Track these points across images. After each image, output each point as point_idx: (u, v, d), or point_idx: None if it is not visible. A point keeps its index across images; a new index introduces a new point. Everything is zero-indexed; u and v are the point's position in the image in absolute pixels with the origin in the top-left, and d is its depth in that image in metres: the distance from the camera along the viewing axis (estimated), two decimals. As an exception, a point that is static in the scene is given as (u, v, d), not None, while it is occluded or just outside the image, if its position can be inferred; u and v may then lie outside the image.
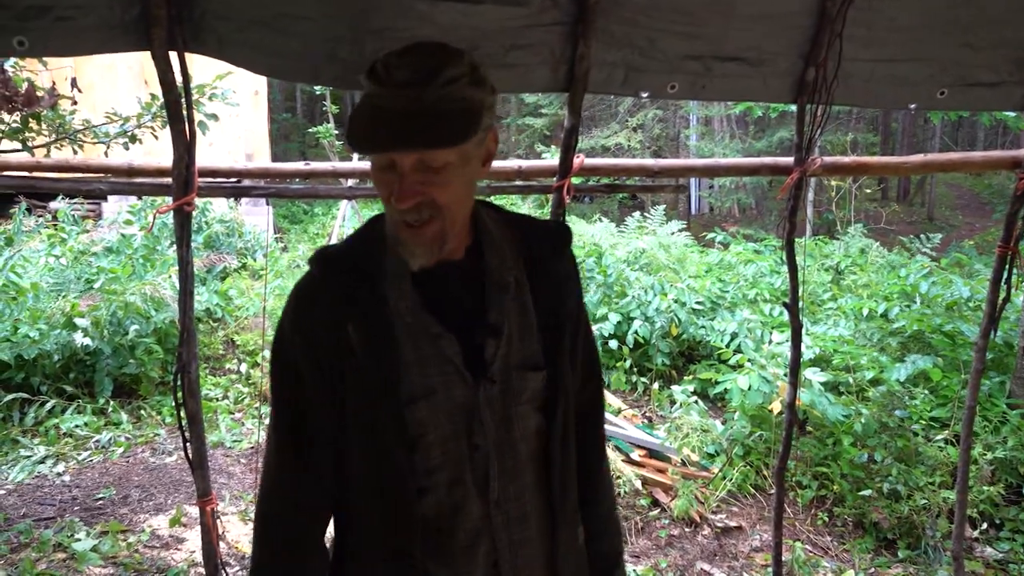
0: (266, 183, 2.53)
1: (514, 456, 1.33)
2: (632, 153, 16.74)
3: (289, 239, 12.56)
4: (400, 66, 1.15)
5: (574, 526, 1.44)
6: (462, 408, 1.28)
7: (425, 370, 1.26)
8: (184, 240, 1.99)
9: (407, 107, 1.13)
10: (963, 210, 21.61)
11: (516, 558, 1.34)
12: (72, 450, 4.98)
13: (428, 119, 1.13)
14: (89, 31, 1.69)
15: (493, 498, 1.31)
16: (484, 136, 1.23)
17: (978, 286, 5.79)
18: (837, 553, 4.14)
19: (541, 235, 1.40)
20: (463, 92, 1.16)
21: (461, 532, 1.31)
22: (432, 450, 1.28)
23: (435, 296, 1.28)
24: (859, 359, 5.30)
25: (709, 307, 6.96)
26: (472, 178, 1.25)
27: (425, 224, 1.20)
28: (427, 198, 1.18)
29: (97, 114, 4.22)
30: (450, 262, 1.29)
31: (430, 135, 1.13)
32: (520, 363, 1.32)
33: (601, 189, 2.86)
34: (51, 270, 6.73)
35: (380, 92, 1.16)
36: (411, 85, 1.14)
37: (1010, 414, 4.65)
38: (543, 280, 1.36)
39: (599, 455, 1.54)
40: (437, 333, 1.27)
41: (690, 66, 2.16)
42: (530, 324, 1.34)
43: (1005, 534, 4.21)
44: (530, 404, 1.34)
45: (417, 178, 1.18)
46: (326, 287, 1.28)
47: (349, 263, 1.29)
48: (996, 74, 2.33)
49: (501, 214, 1.40)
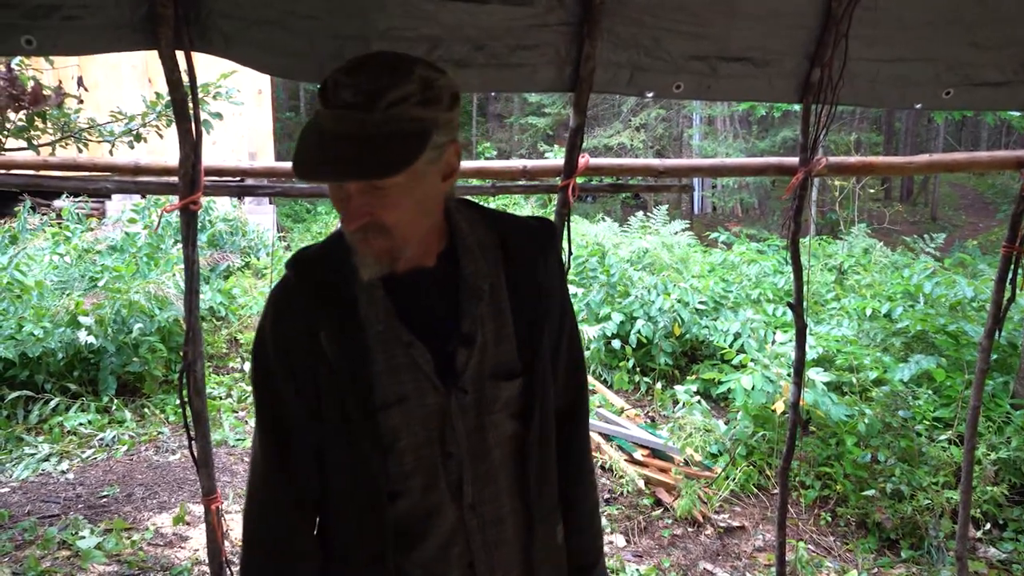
0: (271, 182, 2.53)
1: (488, 462, 1.32)
2: (635, 153, 16.75)
3: (292, 238, 12.58)
4: (346, 85, 1.10)
5: (552, 525, 1.43)
6: (434, 415, 1.28)
7: (397, 377, 1.26)
8: (190, 239, 1.99)
9: (349, 131, 1.09)
10: (967, 210, 21.59)
11: (491, 559, 1.35)
12: (76, 448, 4.99)
13: (369, 146, 1.08)
14: (97, 30, 1.70)
15: (467, 502, 1.31)
16: (440, 153, 1.18)
17: (982, 286, 5.78)
18: (840, 553, 4.13)
19: (523, 235, 1.37)
20: (410, 112, 1.11)
21: (434, 535, 1.32)
22: (405, 456, 1.28)
23: (407, 303, 1.27)
24: (862, 359, 5.29)
25: (712, 307, 6.96)
26: (427, 196, 1.20)
27: (372, 240, 1.18)
28: (375, 219, 1.16)
29: (102, 113, 4.23)
30: (422, 269, 1.27)
31: (370, 164, 1.09)
32: (493, 371, 1.30)
33: (606, 189, 2.86)
34: (55, 268, 6.74)
35: (325, 113, 1.12)
36: (354, 107, 1.09)
37: (1014, 414, 4.64)
38: (523, 283, 1.33)
39: (582, 456, 1.52)
40: (408, 341, 1.26)
41: (695, 66, 2.16)
42: (506, 330, 1.32)
43: (1009, 534, 4.21)
44: (504, 412, 1.33)
45: (364, 200, 1.15)
46: (300, 292, 1.28)
47: (323, 268, 1.28)
48: (1002, 73, 2.33)
49: (481, 213, 1.37)
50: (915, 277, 6.24)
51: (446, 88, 1.16)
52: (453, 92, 1.18)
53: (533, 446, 1.35)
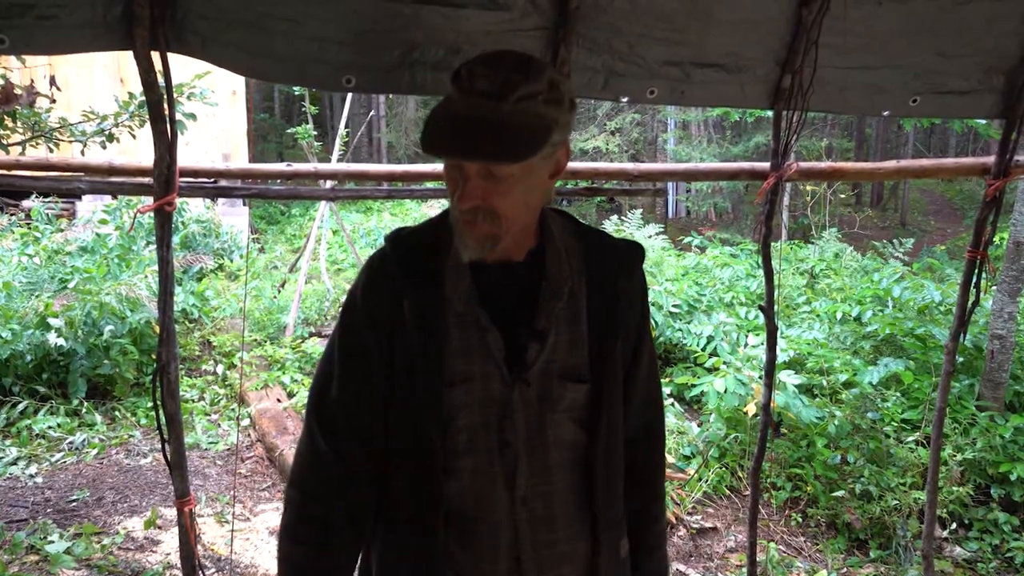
0: (247, 183, 2.53)
1: (545, 460, 1.35)
2: (610, 157, 16.81)
3: (266, 240, 12.50)
4: (482, 75, 1.19)
5: (615, 539, 1.45)
6: (496, 402, 1.33)
7: (468, 358, 1.32)
8: (164, 240, 1.98)
9: (480, 117, 1.18)
10: (935, 215, 21.94)
11: (539, 556, 1.37)
12: (45, 451, 4.92)
13: (497, 133, 1.17)
14: (71, 29, 1.68)
15: (519, 495, 1.34)
16: (553, 151, 1.27)
17: (949, 290, 5.88)
18: (810, 553, 4.19)
19: (608, 251, 1.43)
20: (537, 109, 1.20)
21: (485, 522, 1.35)
22: (460, 435, 1.33)
23: (490, 292, 1.33)
24: (833, 362, 5.37)
25: (686, 310, 7.01)
26: (535, 189, 1.28)
27: (480, 223, 1.25)
28: (486, 204, 1.24)
29: (73, 112, 4.18)
30: (510, 262, 1.35)
31: (497, 149, 1.18)
32: (561, 372, 1.35)
33: (581, 192, 2.88)
34: (24, 269, 6.64)
35: (459, 98, 1.21)
36: (488, 96, 1.18)
37: (979, 416, 4.73)
38: (603, 295, 1.38)
39: (656, 476, 1.57)
40: (485, 326, 1.32)
41: (669, 72, 2.18)
42: (580, 336, 1.36)
43: (974, 534, 4.29)
44: (568, 414, 1.36)
45: (480, 183, 1.23)
46: (393, 264, 1.35)
47: (417, 244, 1.36)
48: (967, 82, 2.37)
49: (574, 225, 1.44)
50: (884, 281, 6.34)
51: (568, 92, 1.26)
52: (572, 97, 1.29)
53: (599, 456, 1.38)
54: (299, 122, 10.91)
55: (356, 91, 1.99)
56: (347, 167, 2.78)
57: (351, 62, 1.88)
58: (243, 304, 5.35)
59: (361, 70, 1.89)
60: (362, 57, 1.88)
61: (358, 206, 15.30)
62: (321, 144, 10.56)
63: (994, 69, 2.36)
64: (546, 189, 1.33)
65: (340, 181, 3.08)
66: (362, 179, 2.94)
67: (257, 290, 8.18)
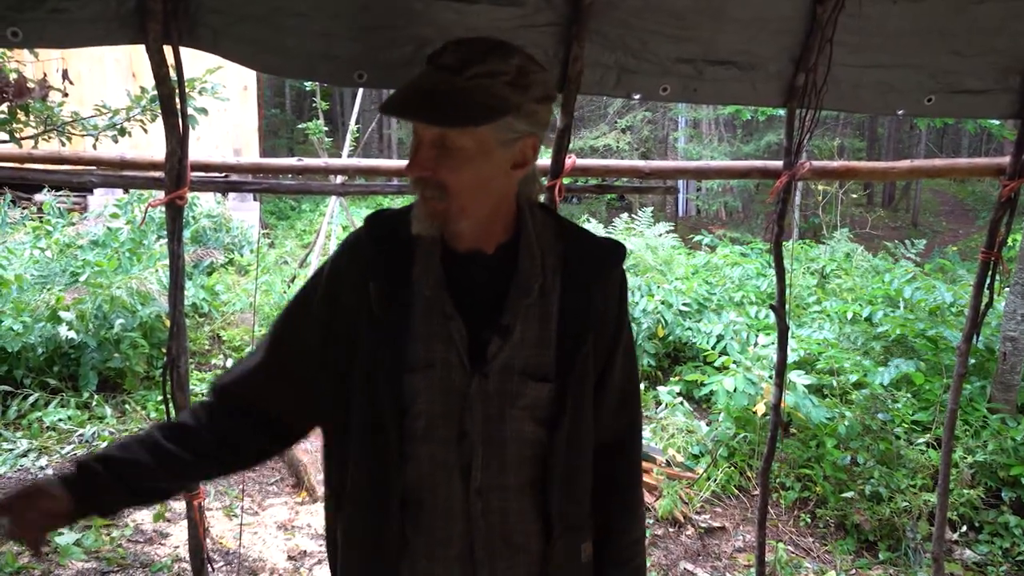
0: (258, 178, 2.53)
1: (502, 454, 1.34)
2: (620, 155, 16.79)
3: (276, 235, 12.53)
4: (451, 52, 1.23)
5: (575, 542, 1.43)
6: (456, 392, 1.32)
7: (430, 344, 1.31)
8: (175, 234, 1.99)
9: (437, 86, 1.21)
10: (947, 216, 21.82)
11: (492, 547, 1.36)
12: (55, 444, 4.94)
13: (449, 98, 1.20)
14: (84, 23, 1.69)
15: (475, 486, 1.34)
16: (515, 138, 1.26)
17: (961, 291, 5.85)
18: (819, 554, 4.17)
19: (588, 250, 1.40)
20: (496, 88, 1.21)
21: (440, 508, 1.35)
22: (418, 420, 1.33)
23: (460, 281, 1.32)
24: (843, 362, 5.34)
25: (695, 309, 6.99)
26: (492, 173, 1.27)
27: (429, 197, 1.26)
28: (436, 175, 1.24)
29: (85, 106, 4.19)
30: (480, 253, 1.34)
31: (443, 113, 1.20)
32: (524, 369, 1.33)
33: (592, 189, 2.87)
34: (36, 263, 6.67)
35: (424, 71, 1.25)
36: (448, 69, 1.21)
37: (990, 418, 4.70)
38: (577, 295, 1.36)
39: (628, 488, 1.52)
40: (449, 314, 1.31)
41: (682, 69, 2.17)
42: (548, 334, 1.34)
43: (984, 537, 4.26)
44: (528, 411, 1.34)
45: (431, 153, 1.24)
46: (367, 244, 1.36)
47: (392, 226, 1.36)
48: (982, 82, 2.35)
49: (555, 220, 1.42)
50: (896, 282, 6.31)
51: (540, 83, 1.26)
52: (547, 90, 1.29)
53: (558, 456, 1.36)
54: (310, 118, 10.96)
55: (367, 87, 1.99)
56: (357, 162, 2.78)
57: (362, 58, 1.88)
58: (253, 299, 5.36)
59: (372, 66, 1.89)
60: (373, 53, 1.87)
61: (368, 202, 15.32)
62: (332, 140, 10.59)
63: (1009, 69, 2.33)
64: (510, 180, 1.31)
65: (350, 176, 3.08)
66: (372, 175, 2.94)
67: (267, 285, 8.20)
